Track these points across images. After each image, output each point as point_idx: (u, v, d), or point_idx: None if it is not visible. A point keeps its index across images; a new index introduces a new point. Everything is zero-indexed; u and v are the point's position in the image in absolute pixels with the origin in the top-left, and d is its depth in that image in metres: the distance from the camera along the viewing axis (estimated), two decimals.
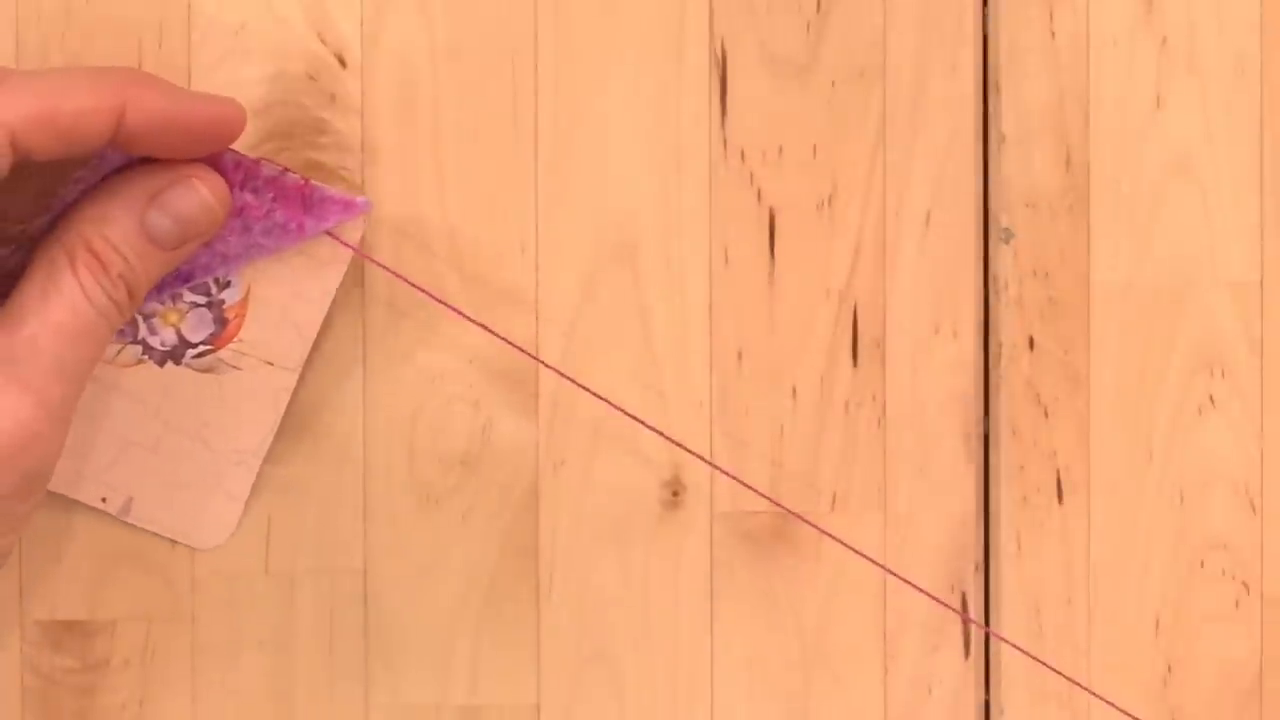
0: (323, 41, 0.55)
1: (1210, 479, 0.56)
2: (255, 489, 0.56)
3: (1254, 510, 0.56)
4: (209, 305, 0.53)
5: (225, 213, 0.51)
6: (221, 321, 0.53)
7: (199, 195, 0.50)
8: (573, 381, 0.55)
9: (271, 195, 0.52)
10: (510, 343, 0.55)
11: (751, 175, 0.56)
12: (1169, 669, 0.56)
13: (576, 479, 0.56)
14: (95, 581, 0.56)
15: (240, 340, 0.53)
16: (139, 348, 0.53)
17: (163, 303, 0.53)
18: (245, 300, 0.53)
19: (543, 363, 0.55)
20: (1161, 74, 0.55)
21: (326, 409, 0.56)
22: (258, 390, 0.53)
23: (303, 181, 0.52)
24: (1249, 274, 0.56)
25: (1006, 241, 0.56)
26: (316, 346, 0.55)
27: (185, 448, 0.54)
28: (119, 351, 0.53)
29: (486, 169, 0.55)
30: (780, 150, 0.56)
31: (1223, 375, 0.56)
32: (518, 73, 0.56)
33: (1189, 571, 0.56)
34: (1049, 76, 0.55)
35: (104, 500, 0.54)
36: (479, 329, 0.55)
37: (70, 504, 0.56)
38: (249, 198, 0.52)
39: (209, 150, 0.50)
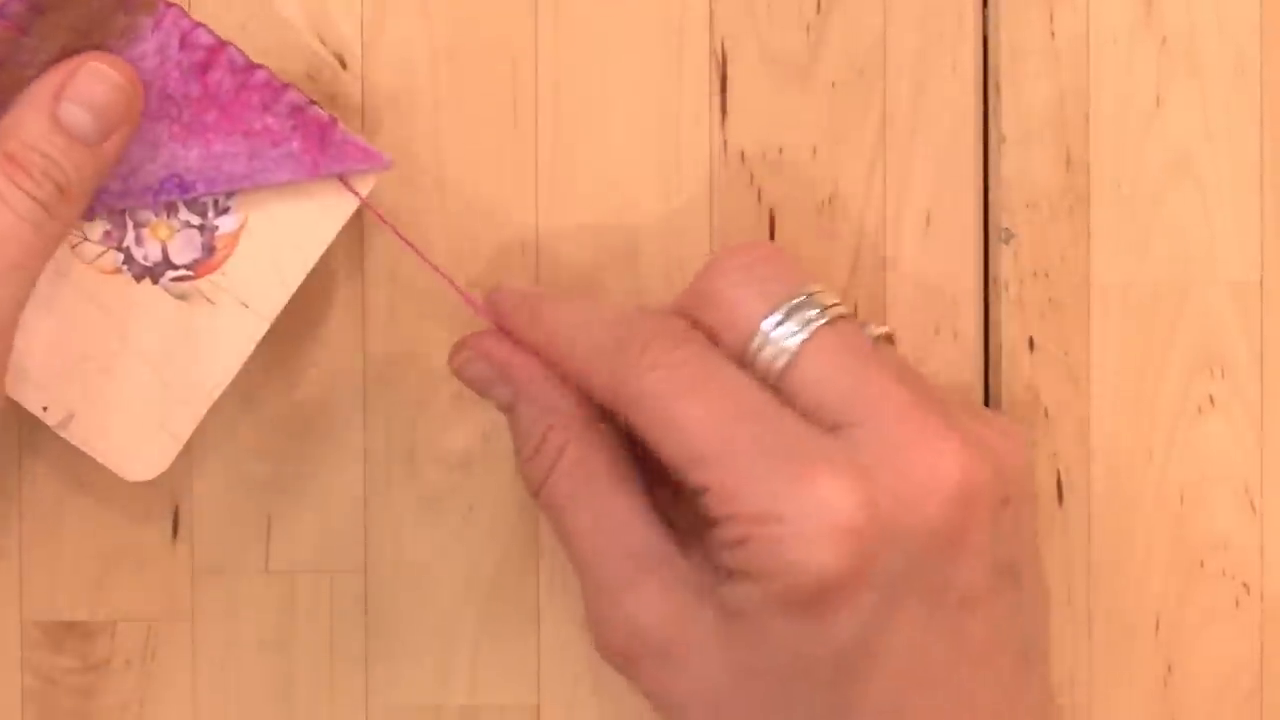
0: (323, 42, 0.55)
1: (1210, 479, 0.56)
2: (256, 488, 0.56)
3: (1254, 510, 0.56)
4: (201, 229, 0.51)
5: (139, 94, 0.50)
6: (209, 249, 0.51)
7: (105, 76, 0.49)
8: None
9: (292, 124, 0.51)
10: None
11: (751, 175, 0.56)
12: (1169, 669, 0.56)
13: None
14: (95, 581, 0.56)
15: (223, 273, 0.51)
16: (121, 255, 0.51)
17: (156, 213, 0.51)
18: (239, 232, 0.51)
19: None
20: (1161, 74, 0.55)
21: (326, 409, 0.56)
22: (226, 331, 0.51)
23: (328, 119, 0.51)
24: (1249, 274, 0.56)
25: (1006, 242, 0.56)
26: (317, 345, 0.55)
27: (138, 374, 0.51)
28: (100, 254, 0.51)
29: (486, 170, 0.55)
30: (780, 151, 0.56)
31: (1223, 375, 0.55)
32: (518, 73, 0.56)
33: (1189, 571, 0.56)
34: (1049, 76, 0.55)
35: (45, 410, 0.51)
36: (479, 327, 0.55)
37: (69, 506, 0.56)
38: (270, 120, 0.51)
39: None
